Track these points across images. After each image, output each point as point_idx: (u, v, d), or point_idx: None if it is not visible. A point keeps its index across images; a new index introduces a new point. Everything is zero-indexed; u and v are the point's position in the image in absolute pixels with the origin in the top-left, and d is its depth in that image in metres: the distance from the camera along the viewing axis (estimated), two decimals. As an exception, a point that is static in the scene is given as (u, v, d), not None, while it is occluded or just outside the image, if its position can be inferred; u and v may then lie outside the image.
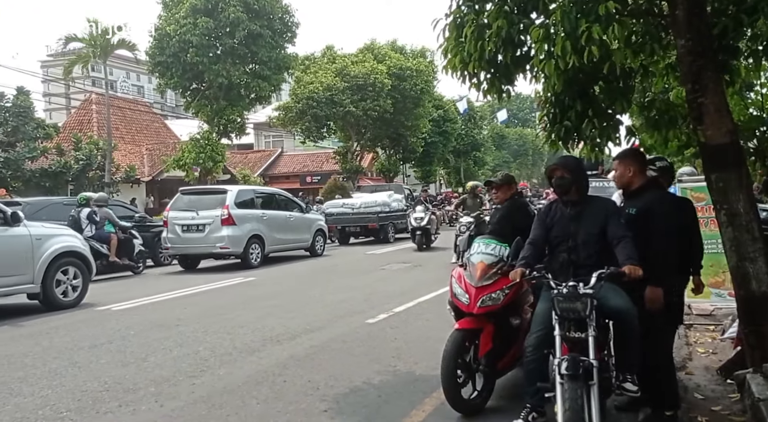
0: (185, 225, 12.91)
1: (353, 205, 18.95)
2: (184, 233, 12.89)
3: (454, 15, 4.34)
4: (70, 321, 7.74)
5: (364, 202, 19.01)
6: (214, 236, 12.67)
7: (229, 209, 12.77)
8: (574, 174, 3.61)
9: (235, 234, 12.76)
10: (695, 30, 3.84)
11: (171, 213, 13.16)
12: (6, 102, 22.17)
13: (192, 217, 12.87)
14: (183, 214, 13.01)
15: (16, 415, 4.29)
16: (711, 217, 6.29)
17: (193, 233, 12.83)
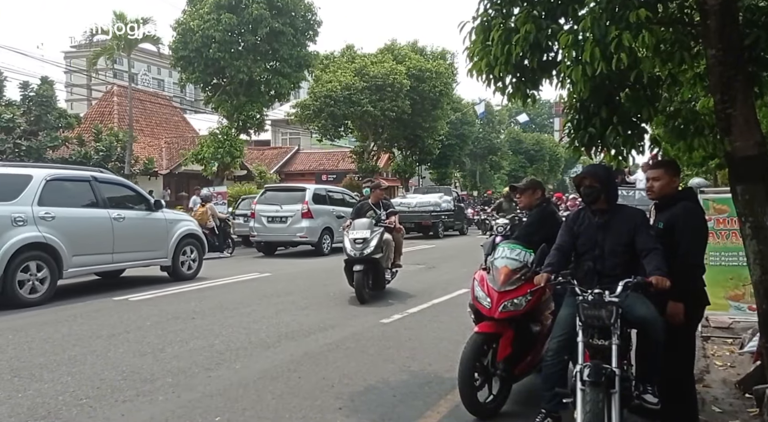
0: (270, 216, 15.20)
1: (409, 204, 21.48)
2: (269, 223, 15.20)
3: (482, 18, 4.34)
4: (88, 309, 7.84)
5: (418, 202, 21.69)
6: (295, 227, 14.95)
7: (308, 204, 14.98)
8: (604, 183, 3.59)
9: (312, 226, 15.02)
10: (726, 40, 3.81)
11: (258, 207, 15.44)
12: (30, 91, 22.50)
13: (276, 210, 15.14)
14: (268, 207, 15.26)
15: (36, 400, 4.37)
16: (733, 229, 6.25)
17: (277, 223, 15.15)
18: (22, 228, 7.95)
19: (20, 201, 8.07)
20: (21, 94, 22.66)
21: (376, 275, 8.55)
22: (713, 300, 6.30)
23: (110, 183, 9.78)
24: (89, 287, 9.95)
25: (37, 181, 8.36)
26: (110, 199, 9.44)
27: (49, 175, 8.67)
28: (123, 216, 9.44)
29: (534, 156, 56.14)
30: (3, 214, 7.81)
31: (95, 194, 9.18)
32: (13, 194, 8.07)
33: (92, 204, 9.13)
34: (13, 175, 8.45)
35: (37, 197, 8.23)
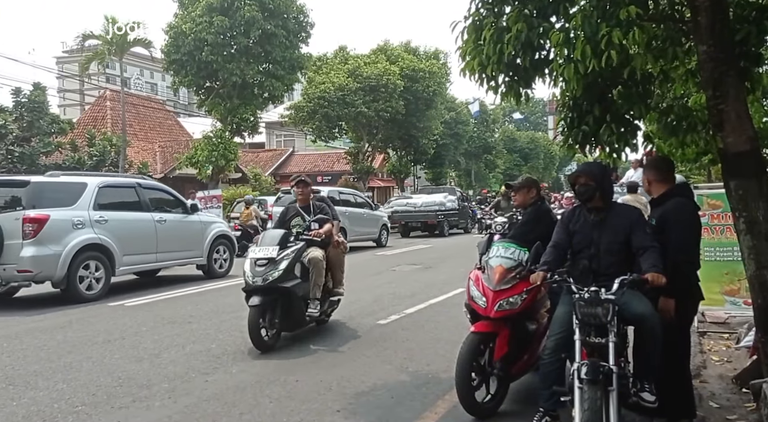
0: None
1: (415, 204, 22.13)
2: None
3: (473, 17, 4.34)
4: (84, 316, 7.80)
5: (424, 202, 22.20)
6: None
7: None
8: (598, 181, 3.59)
9: None
10: (718, 36, 3.81)
11: (276, 208, 15.77)
12: (22, 97, 22.40)
13: None
14: None
15: (31, 408, 4.34)
16: (727, 225, 6.26)
17: None
18: (81, 231, 8.82)
19: (78, 206, 8.94)
20: (13, 101, 22.55)
21: (288, 311, 6.02)
22: (709, 295, 6.33)
23: (152, 188, 10.71)
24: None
25: (91, 187, 9.24)
26: (152, 203, 10.33)
27: (101, 182, 9.59)
28: (164, 219, 10.27)
29: (529, 154, 56.23)
30: (65, 218, 8.66)
31: (140, 199, 10.04)
32: (71, 200, 8.92)
33: (138, 208, 9.97)
34: (70, 183, 9.32)
35: (92, 202, 9.11)
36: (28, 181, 8.90)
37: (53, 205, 8.67)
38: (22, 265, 8.29)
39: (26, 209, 8.43)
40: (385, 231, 18.70)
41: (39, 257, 8.33)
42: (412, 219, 21.82)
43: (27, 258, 8.27)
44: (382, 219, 18.77)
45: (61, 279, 8.56)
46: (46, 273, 8.47)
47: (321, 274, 6.29)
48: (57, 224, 8.54)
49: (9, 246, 8.29)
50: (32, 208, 8.48)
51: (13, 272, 8.34)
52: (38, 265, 8.36)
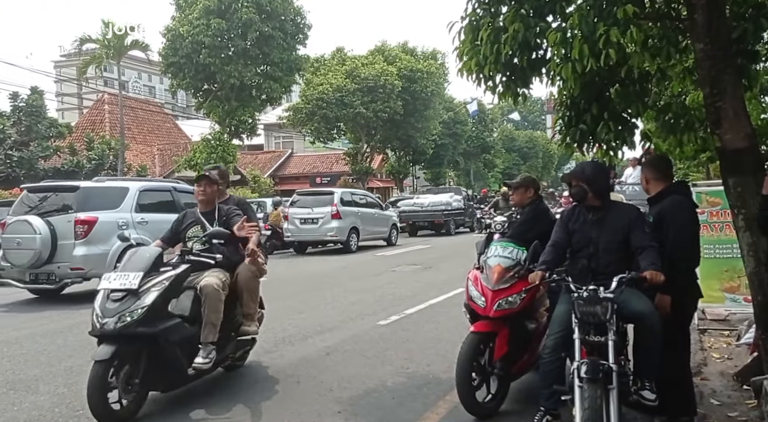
0: (303, 218, 16.59)
1: (422, 204, 22.80)
2: (302, 225, 16.63)
3: (470, 18, 4.34)
4: (84, 319, 7.73)
5: (431, 202, 22.84)
6: (326, 227, 16.36)
7: (337, 206, 16.40)
8: (590, 182, 3.59)
9: (341, 225, 16.42)
10: (714, 34, 3.82)
11: (291, 210, 16.89)
12: (20, 101, 22.40)
13: (308, 213, 16.52)
14: (301, 210, 16.71)
15: (33, 413, 4.34)
16: (726, 222, 6.26)
17: (309, 225, 16.53)
18: (125, 231, 8.87)
19: (122, 208, 9.67)
20: (11, 105, 22.58)
21: (158, 366, 4.17)
22: (709, 292, 6.35)
23: (185, 192, 11.08)
24: (84, 297, 9.89)
25: (132, 191, 9.97)
26: (186, 205, 10.52)
27: (141, 186, 10.38)
28: None
29: (527, 153, 56.23)
30: (111, 220, 9.38)
31: (175, 201, 10.48)
32: (116, 203, 9.66)
33: (173, 210, 10.10)
34: (114, 187, 10.09)
35: (134, 205, 9.83)
36: (77, 186, 9.69)
37: (100, 207, 9.38)
38: (75, 263, 8.96)
39: (77, 212, 9.10)
40: (395, 231, 19.34)
41: (89, 255, 9.05)
42: (420, 218, 22.42)
43: (79, 257, 8.98)
44: (392, 219, 19.40)
45: None
46: (95, 271, 8.84)
47: (216, 309, 4.42)
48: (104, 225, 9.23)
49: (62, 246, 8.96)
50: (82, 210, 9.14)
51: (67, 270, 8.98)
52: (89, 263, 9.01)
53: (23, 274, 9.17)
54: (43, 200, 9.47)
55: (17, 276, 9.25)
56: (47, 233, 8.92)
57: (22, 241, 8.94)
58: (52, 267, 9.01)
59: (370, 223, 17.79)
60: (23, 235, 8.93)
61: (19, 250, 8.96)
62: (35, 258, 8.89)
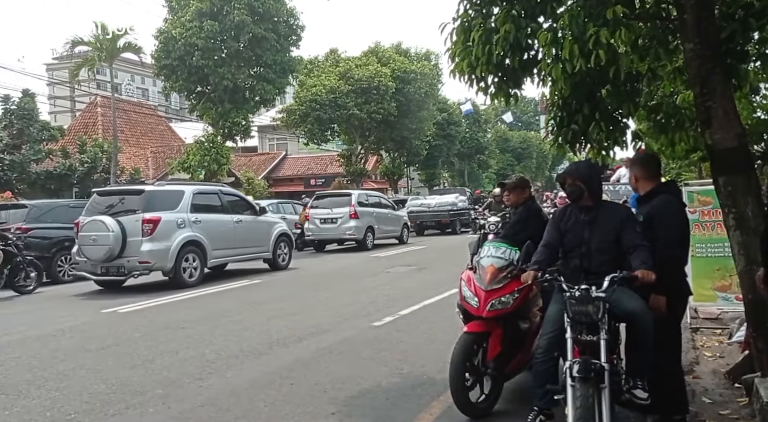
0: (322, 218, 17.64)
1: (429, 204, 23.67)
2: (321, 224, 17.66)
3: (462, 19, 4.35)
4: (77, 323, 7.76)
5: (438, 202, 23.66)
6: (344, 226, 17.41)
7: (355, 207, 17.44)
8: (586, 181, 3.60)
9: (359, 225, 17.46)
10: (703, 34, 3.84)
11: (311, 211, 17.89)
12: (11, 104, 22.28)
13: (328, 213, 17.60)
14: (320, 211, 17.76)
15: (24, 417, 4.31)
16: (718, 221, 6.29)
17: (328, 224, 17.60)
18: (183, 230, 10.76)
19: (179, 209, 10.87)
20: (2, 108, 22.45)
21: None
22: (701, 291, 6.39)
23: (230, 194, 12.69)
24: (77, 300, 9.86)
25: (188, 194, 11.18)
26: (231, 206, 12.19)
27: (194, 189, 11.62)
28: (241, 220, 12.15)
29: (521, 154, 56.37)
30: (171, 219, 10.59)
31: (222, 203, 11.95)
32: (174, 205, 10.83)
33: (221, 210, 11.86)
34: (172, 190, 11.30)
35: (189, 206, 11.02)
36: (142, 190, 11.01)
37: (161, 208, 10.57)
38: (143, 257, 10.17)
39: (143, 212, 10.30)
40: (406, 230, 20.26)
41: (155, 250, 10.25)
42: (427, 218, 23.25)
43: (146, 252, 10.18)
44: (404, 219, 20.47)
45: (170, 269, 10.47)
46: (159, 264, 10.37)
47: None
48: (166, 224, 10.47)
49: (131, 243, 10.16)
50: (147, 211, 10.35)
51: (135, 263, 10.19)
52: (154, 257, 10.26)
53: (96, 267, 10.38)
54: (111, 202, 10.72)
55: (90, 269, 10.48)
56: (118, 231, 10.11)
57: (97, 238, 10.16)
58: (123, 261, 10.23)
59: (384, 223, 18.87)
60: (98, 233, 10.16)
61: (95, 246, 10.18)
62: (109, 253, 10.09)
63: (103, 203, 10.82)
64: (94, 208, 10.82)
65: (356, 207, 17.54)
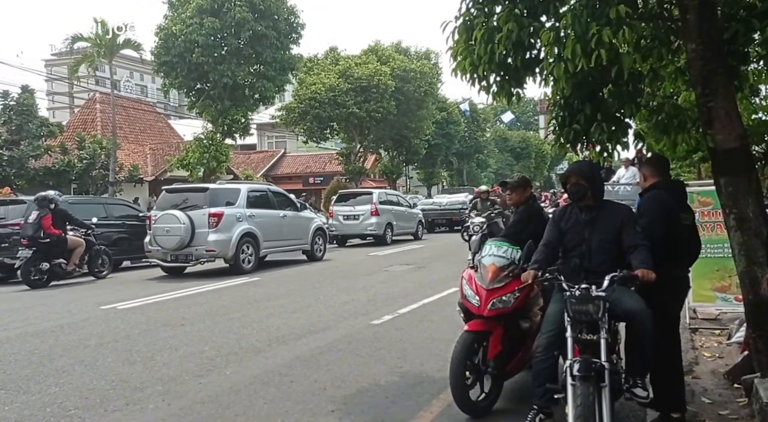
0: (345, 215, 18.95)
1: (441, 203, 25.12)
2: (344, 220, 18.91)
3: (464, 18, 4.35)
4: (75, 319, 7.75)
5: (449, 201, 25.00)
6: (366, 223, 18.70)
7: (376, 205, 18.72)
8: (590, 180, 3.61)
9: (379, 221, 18.72)
10: (706, 34, 3.85)
11: (335, 207, 19.34)
12: (10, 100, 22.23)
13: (350, 210, 18.95)
14: (343, 208, 19.14)
15: (24, 412, 4.31)
16: (718, 222, 6.30)
17: (351, 221, 18.89)
18: (241, 223, 12.26)
19: (238, 205, 12.43)
20: (1, 104, 22.38)
21: None
22: (700, 291, 6.41)
23: (276, 192, 14.49)
24: (75, 296, 9.84)
25: (244, 191, 12.84)
26: (278, 202, 13.85)
27: (249, 187, 13.41)
28: (286, 215, 13.75)
29: (520, 153, 56.34)
30: (232, 214, 12.16)
31: (270, 200, 13.56)
32: (233, 201, 12.41)
33: (270, 206, 13.41)
34: (231, 188, 13.03)
35: (245, 202, 12.58)
36: (207, 188, 12.70)
37: (223, 204, 12.11)
38: (209, 246, 11.70)
39: (209, 207, 11.83)
40: (420, 226, 21.39)
41: (219, 240, 11.76)
42: (439, 216, 24.34)
43: (212, 242, 11.71)
44: (419, 216, 21.65)
45: (231, 257, 11.97)
46: (222, 253, 11.91)
47: None
48: (228, 218, 12.02)
49: (198, 234, 11.70)
50: (211, 206, 11.88)
51: (202, 251, 11.73)
52: (219, 246, 11.77)
53: (166, 255, 11.91)
54: (179, 199, 12.30)
55: (161, 256, 12.03)
56: (188, 223, 11.64)
57: (170, 230, 11.65)
58: (191, 250, 11.73)
59: (401, 220, 20.08)
60: (171, 225, 11.66)
61: (168, 236, 11.69)
62: (180, 242, 11.62)
63: (172, 199, 12.39)
64: (164, 203, 12.46)
65: (377, 205, 18.80)
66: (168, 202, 12.43)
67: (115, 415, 4.25)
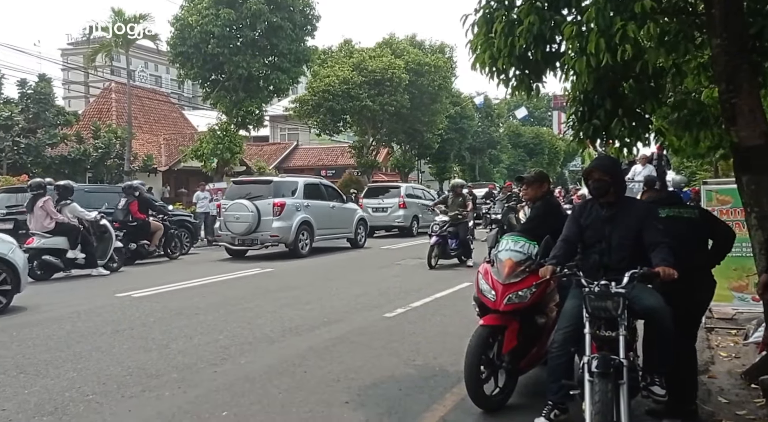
0: (374, 207, 19.90)
1: None
2: (373, 212, 19.57)
3: (484, 10, 4.31)
4: (91, 306, 7.84)
5: (475, 195, 25.43)
6: (394, 215, 19.79)
7: (403, 198, 19.80)
8: (613, 176, 3.58)
9: (406, 214, 19.82)
10: (731, 29, 3.80)
11: (365, 200, 20.32)
12: (28, 88, 22.42)
13: (379, 203, 20.08)
14: (373, 200, 20.23)
15: (43, 396, 4.37)
16: (736, 220, 6.23)
17: (379, 213, 19.81)
18: (299, 212, 13.79)
19: (296, 196, 13.99)
20: (19, 92, 22.57)
21: None
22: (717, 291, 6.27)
23: (326, 185, 15.88)
24: (91, 284, 9.95)
25: (301, 184, 14.46)
26: (328, 194, 15.28)
27: (305, 181, 15.00)
28: (334, 206, 15.22)
29: (533, 149, 55.99)
30: (292, 204, 13.68)
31: (322, 192, 15.07)
32: (293, 192, 14.01)
33: (322, 198, 14.88)
34: (291, 181, 14.72)
35: (302, 194, 14.13)
36: (271, 181, 14.52)
37: (284, 195, 13.71)
38: (273, 232, 13.25)
39: (274, 198, 13.38)
40: None
41: (282, 227, 13.30)
42: None
43: (276, 228, 13.25)
44: None
45: (291, 242, 13.49)
46: (284, 238, 13.43)
47: None
48: (289, 207, 13.53)
49: (264, 221, 13.18)
50: (275, 197, 13.44)
51: (267, 236, 13.29)
52: (281, 232, 13.31)
53: (233, 240, 13.40)
54: (246, 190, 13.89)
55: (228, 240, 13.53)
56: (255, 211, 13.11)
57: (240, 217, 13.18)
58: (257, 235, 13.24)
59: (426, 213, 20.25)
60: (240, 213, 13.20)
61: (238, 223, 13.21)
62: (248, 228, 13.11)
63: (240, 190, 14.04)
64: (232, 193, 14.16)
65: (405, 198, 19.85)
66: (236, 192, 14.05)
67: (132, 401, 4.30)
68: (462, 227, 11.61)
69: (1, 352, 5.56)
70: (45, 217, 10.44)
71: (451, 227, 11.45)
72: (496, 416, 4.03)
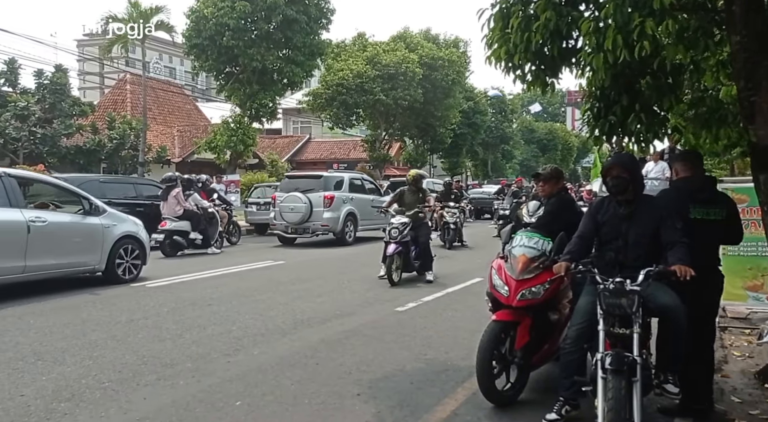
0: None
1: (489, 192, 26.71)
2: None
3: (500, 5, 4.29)
4: (107, 295, 7.94)
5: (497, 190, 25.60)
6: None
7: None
8: (632, 173, 3.56)
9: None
10: (751, 26, 3.75)
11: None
12: (44, 79, 22.64)
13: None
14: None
15: (60, 383, 4.45)
16: (752, 219, 6.19)
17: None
18: (345, 204, 15.16)
19: (343, 190, 15.32)
20: (35, 82, 22.83)
21: None
22: (731, 290, 6.29)
23: (366, 180, 17.34)
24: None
25: (346, 179, 15.95)
26: (368, 189, 16.73)
27: (350, 176, 16.78)
28: (373, 199, 16.16)
29: (546, 145, 55.74)
30: (339, 197, 14.99)
31: (364, 186, 16.53)
32: (340, 186, 15.32)
33: (363, 192, 16.30)
34: (338, 176, 16.14)
35: (348, 188, 15.55)
36: (321, 175, 15.91)
37: (333, 188, 15.02)
38: (324, 222, 14.60)
39: (324, 191, 14.75)
40: (463, 214, 23.69)
41: (331, 218, 14.65)
42: (486, 204, 25.96)
43: (326, 218, 14.59)
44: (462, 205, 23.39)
45: (339, 232, 14.84)
46: (333, 227, 14.77)
47: None
48: (337, 200, 14.86)
49: (315, 212, 14.47)
50: (325, 190, 14.80)
51: (318, 226, 14.59)
52: (331, 222, 14.66)
53: (287, 229, 14.74)
54: (298, 183, 15.27)
55: (282, 229, 14.86)
56: (308, 203, 14.38)
57: (294, 208, 14.51)
58: (309, 224, 14.54)
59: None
60: (295, 204, 14.52)
61: (293, 213, 14.53)
62: (302, 218, 14.42)
63: (293, 184, 15.47)
64: (285, 187, 15.59)
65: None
66: (289, 185, 15.48)
67: (147, 389, 4.36)
68: (422, 229, 9.43)
69: (19, 339, 5.66)
70: (176, 205, 12.41)
71: (412, 230, 9.19)
72: (507, 411, 4.04)
